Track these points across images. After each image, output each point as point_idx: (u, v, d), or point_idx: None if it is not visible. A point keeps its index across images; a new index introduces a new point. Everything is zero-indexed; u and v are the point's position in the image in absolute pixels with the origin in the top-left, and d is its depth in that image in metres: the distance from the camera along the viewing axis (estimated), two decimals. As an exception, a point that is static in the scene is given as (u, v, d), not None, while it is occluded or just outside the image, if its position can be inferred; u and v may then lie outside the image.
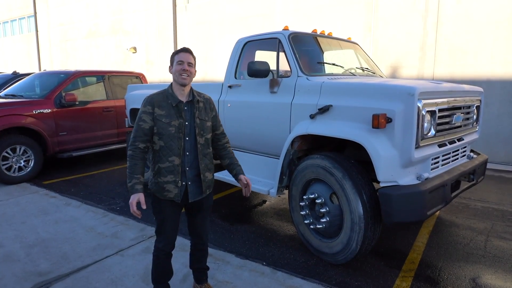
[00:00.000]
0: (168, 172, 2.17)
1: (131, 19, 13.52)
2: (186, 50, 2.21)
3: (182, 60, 2.18)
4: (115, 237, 3.65)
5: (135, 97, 5.77)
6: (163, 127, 2.15)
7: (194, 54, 2.30)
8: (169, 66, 2.26)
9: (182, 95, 2.23)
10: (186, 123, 2.21)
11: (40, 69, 18.18)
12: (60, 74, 6.72)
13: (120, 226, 3.95)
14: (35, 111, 5.89)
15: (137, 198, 2.10)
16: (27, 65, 18.98)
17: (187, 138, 2.21)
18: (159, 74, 12.75)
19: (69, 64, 16.47)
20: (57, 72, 6.88)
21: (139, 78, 7.98)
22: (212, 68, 11.29)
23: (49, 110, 6.07)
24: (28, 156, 5.81)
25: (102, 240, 3.57)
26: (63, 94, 6.24)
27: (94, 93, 6.97)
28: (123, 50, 13.95)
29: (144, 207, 2.11)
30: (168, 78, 12.45)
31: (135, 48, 13.38)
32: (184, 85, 2.19)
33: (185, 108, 2.22)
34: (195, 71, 2.28)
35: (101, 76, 7.15)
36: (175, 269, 2.98)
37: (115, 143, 7.16)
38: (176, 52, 2.23)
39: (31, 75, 7.32)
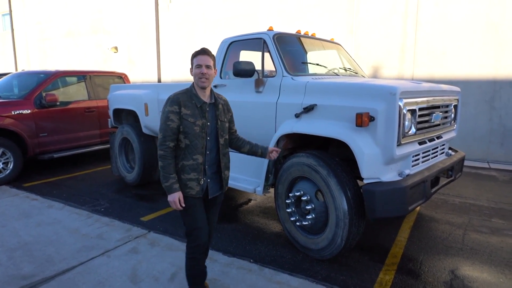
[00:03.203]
0: (192, 170, 2.24)
1: (111, 19, 13.31)
2: (204, 52, 2.24)
3: (200, 63, 2.21)
4: (101, 238, 3.61)
5: (118, 97, 5.71)
6: (189, 126, 2.21)
7: (179, 53, 2.33)
8: (190, 68, 2.30)
9: (204, 97, 2.29)
10: (208, 123, 2.29)
11: (16, 69, 17.65)
12: (40, 74, 6.57)
13: (105, 227, 3.91)
14: (14, 112, 5.75)
15: (177, 196, 2.18)
16: (3, 65, 18.39)
17: (208, 138, 2.30)
18: (142, 74, 12.61)
19: (48, 64, 16.06)
20: (37, 72, 6.72)
21: (122, 78, 7.89)
22: (195, 68, 11.23)
23: (29, 111, 5.93)
24: (7, 158, 5.65)
25: (87, 242, 3.53)
26: (44, 94, 6.11)
27: (75, 94, 6.84)
28: (103, 49, 13.71)
29: (183, 205, 2.22)
30: (151, 78, 12.32)
31: (116, 48, 13.18)
32: (204, 88, 2.26)
33: (208, 109, 2.29)
34: (215, 71, 2.32)
35: (82, 76, 7.03)
36: (162, 268, 2.99)
37: (97, 144, 7.05)
38: (195, 55, 2.25)
39: (8, 75, 7.13)
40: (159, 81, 12.19)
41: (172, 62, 11.78)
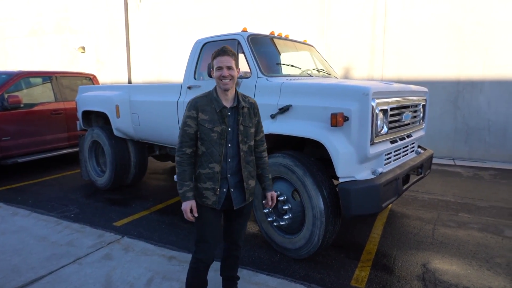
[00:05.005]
0: (208, 179, 2.12)
1: (78, 17, 12.85)
2: (224, 52, 2.08)
3: (220, 65, 2.06)
4: (71, 246, 3.47)
5: (88, 99, 5.52)
6: (205, 132, 2.09)
7: (150, 54, 2.22)
8: (211, 70, 2.16)
9: (226, 100, 2.14)
10: (229, 129, 2.14)
11: (-25, 69, 16.65)
12: (1, 75, 6.24)
13: (75, 233, 3.76)
14: (-27, 115, 5.43)
15: (190, 205, 2.09)
16: (-41, 65, 17.31)
17: (229, 145, 2.14)
18: (111, 75, 12.25)
19: (9, 64, 15.27)
20: (-2, 73, 6.38)
21: (91, 79, 7.63)
22: (166, 69, 11.06)
23: (-10, 114, 5.62)
24: (-34, 164, 5.33)
25: (56, 249, 3.38)
26: (6, 96, 5.81)
27: (41, 95, 6.54)
28: (70, 49, 13.21)
29: (196, 214, 2.11)
30: (121, 79, 12.01)
31: (83, 48, 12.73)
32: (227, 90, 2.10)
33: (229, 113, 2.14)
34: (238, 70, 2.16)
35: (48, 77, 6.73)
36: (138, 274, 2.91)
37: (66, 148, 6.78)
38: (214, 56, 2.11)
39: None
40: (130, 82, 11.90)
41: (143, 63, 11.52)
